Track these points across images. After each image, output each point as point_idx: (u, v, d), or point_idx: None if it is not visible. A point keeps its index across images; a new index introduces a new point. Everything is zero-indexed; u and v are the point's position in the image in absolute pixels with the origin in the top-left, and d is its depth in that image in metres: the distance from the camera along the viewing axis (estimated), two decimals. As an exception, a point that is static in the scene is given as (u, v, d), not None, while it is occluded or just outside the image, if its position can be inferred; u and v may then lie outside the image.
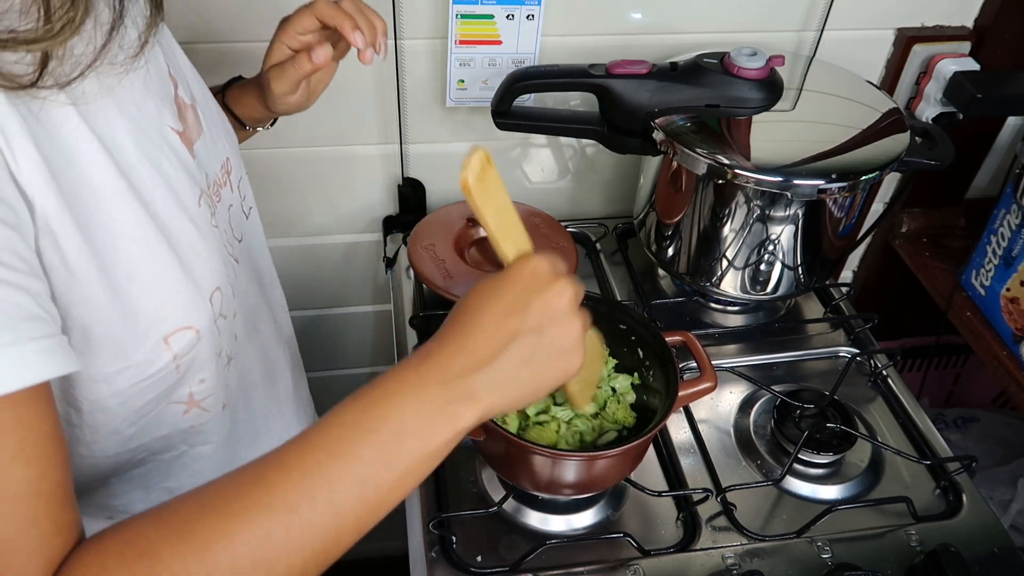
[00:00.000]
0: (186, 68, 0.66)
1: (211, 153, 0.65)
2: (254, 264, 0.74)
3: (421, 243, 1.01)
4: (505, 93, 0.91)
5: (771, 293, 0.99)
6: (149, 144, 0.55)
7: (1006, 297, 1.03)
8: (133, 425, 0.58)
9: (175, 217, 0.56)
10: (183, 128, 0.60)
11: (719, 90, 0.90)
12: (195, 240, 0.58)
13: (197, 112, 0.64)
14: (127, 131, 0.53)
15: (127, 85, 0.53)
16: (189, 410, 0.62)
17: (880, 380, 0.98)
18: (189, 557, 0.42)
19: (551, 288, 0.51)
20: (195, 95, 0.65)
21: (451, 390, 0.48)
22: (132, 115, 0.54)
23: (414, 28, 0.97)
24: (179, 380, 0.58)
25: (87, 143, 0.49)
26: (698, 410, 0.92)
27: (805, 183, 0.85)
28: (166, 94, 0.60)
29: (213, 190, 0.64)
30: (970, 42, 1.08)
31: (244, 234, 0.71)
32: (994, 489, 1.29)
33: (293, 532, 0.44)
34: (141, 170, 0.53)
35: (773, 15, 1.04)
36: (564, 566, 0.76)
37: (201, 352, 0.59)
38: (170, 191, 0.56)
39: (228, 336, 0.64)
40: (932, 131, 0.94)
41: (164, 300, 0.54)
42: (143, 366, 0.54)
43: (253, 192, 0.76)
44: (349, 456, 0.46)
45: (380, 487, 0.47)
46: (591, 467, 0.72)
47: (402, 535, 0.82)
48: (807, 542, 0.79)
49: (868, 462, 0.87)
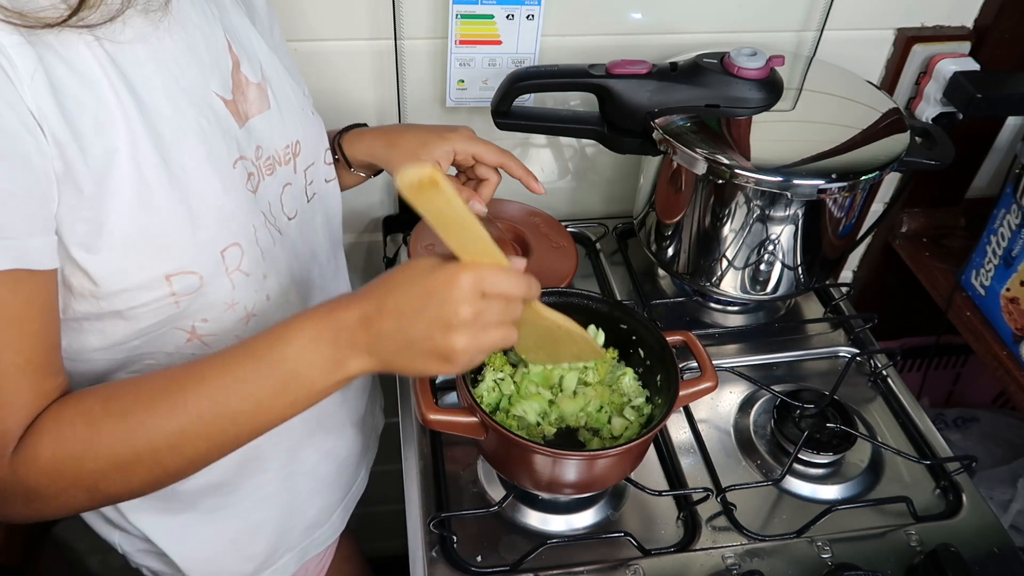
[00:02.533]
0: (261, 52, 0.72)
1: (275, 130, 0.71)
2: (308, 243, 0.78)
3: (421, 243, 1.01)
4: (505, 93, 0.91)
5: (771, 293, 0.99)
6: (183, 98, 0.60)
7: (1006, 297, 1.03)
8: (139, 338, 0.64)
9: (198, 167, 0.61)
10: (233, 98, 0.66)
11: (719, 90, 0.90)
12: (217, 195, 0.62)
13: (266, 91, 0.71)
14: (161, 80, 0.59)
15: (166, 41, 0.60)
16: (191, 339, 0.66)
17: (880, 380, 0.98)
18: (120, 436, 0.56)
19: (450, 306, 0.56)
20: (268, 76, 0.71)
21: (341, 350, 0.58)
22: (170, 69, 0.60)
23: (414, 28, 0.97)
24: (180, 313, 0.63)
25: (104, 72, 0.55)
26: (698, 410, 0.92)
27: (805, 183, 0.85)
28: (217, 64, 0.65)
29: (264, 162, 0.70)
30: (970, 42, 1.08)
31: (300, 214, 0.76)
32: (994, 489, 1.29)
33: (200, 431, 0.58)
34: (166, 114, 0.59)
35: (773, 15, 1.04)
36: (564, 566, 0.76)
37: (206, 296, 0.64)
38: (201, 144, 0.61)
39: (247, 291, 0.67)
40: (932, 131, 0.94)
41: (167, 243, 0.59)
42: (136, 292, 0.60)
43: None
44: (251, 383, 0.58)
45: (272, 409, 0.59)
46: (591, 466, 0.72)
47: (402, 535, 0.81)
48: (807, 542, 0.79)
49: (868, 462, 0.87)
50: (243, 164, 0.66)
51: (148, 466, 0.58)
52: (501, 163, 0.85)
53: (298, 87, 0.77)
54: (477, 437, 0.73)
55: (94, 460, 0.56)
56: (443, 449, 0.87)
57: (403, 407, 0.93)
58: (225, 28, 0.67)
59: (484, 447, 0.76)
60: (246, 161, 0.67)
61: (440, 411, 0.71)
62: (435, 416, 0.71)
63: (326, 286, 0.83)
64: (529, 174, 0.87)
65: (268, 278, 0.70)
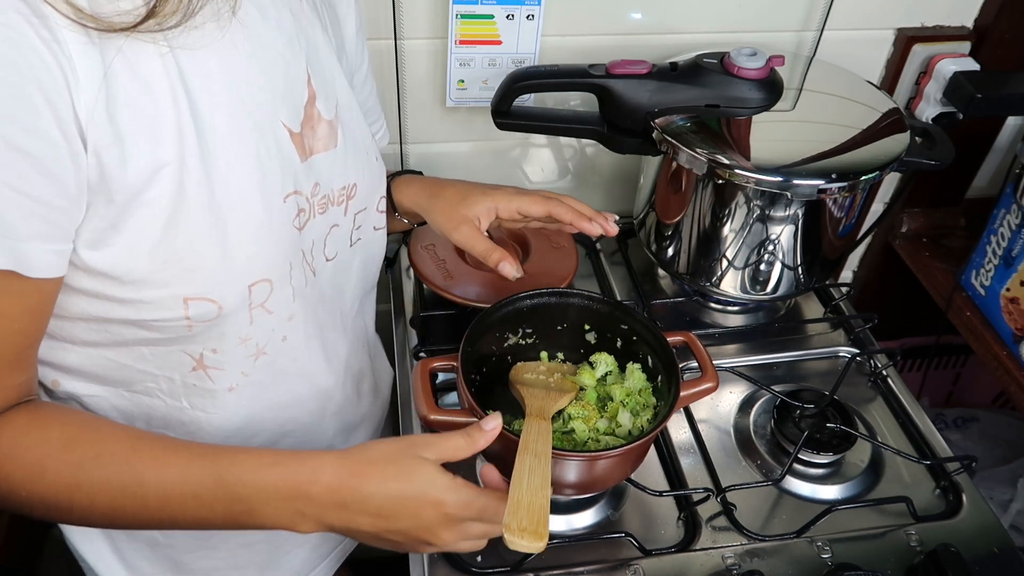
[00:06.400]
0: (341, 91, 0.71)
1: (336, 170, 0.70)
2: (338, 285, 0.77)
3: (421, 243, 1.01)
4: (505, 93, 0.91)
5: (771, 293, 0.99)
6: (247, 121, 0.59)
7: (1006, 297, 1.03)
8: (146, 346, 0.63)
9: (245, 194, 0.59)
10: (301, 131, 0.65)
11: (719, 90, 0.90)
12: (259, 225, 0.61)
13: (336, 130, 0.69)
14: (228, 99, 0.57)
15: (242, 62, 0.58)
16: (197, 369, 0.65)
17: (880, 380, 0.98)
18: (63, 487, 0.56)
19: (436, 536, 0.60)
20: (341, 116, 0.70)
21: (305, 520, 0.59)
22: (240, 90, 0.59)
23: (414, 28, 0.97)
24: (191, 337, 0.62)
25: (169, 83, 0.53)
26: (698, 410, 0.92)
27: (805, 183, 0.85)
28: (292, 94, 0.64)
29: (318, 200, 0.68)
30: (970, 42, 1.08)
31: (339, 256, 0.74)
32: (994, 489, 1.29)
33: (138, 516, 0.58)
34: (225, 134, 0.57)
35: (773, 15, 1.04)
36: (565, 566, 0.76)
37: (221, 327, 0.62)
38: (255, 170, 0.60)
39: (264, 329, 0.66)
40: (932, 131, 0.94)
41: (193, 265, 0.58)
42: (151, 307, 0.58)
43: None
44: (205, 506, 0.58)
45: (215, 528, 0.60)
46: (592, 467, 0.72)
47: (402, 535, 0.81)
48: (807, 542, 0.79)
49: (868, 462, 0.88)
50: (295, 199, 0.65)
51: (76, 518, 0.60)
52: (548, 212, 0.81)
53: (367, 130, 0.76)
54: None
55: (28, 492, 0.56)
56: (443, 449, 0.86)
57: (403, 407, 0.93)
58: (309, 61, 0.66)
59: (484, 448, 0.75)
60: (300, 196, 0.65)
61: (440, 411, 0.71)
62: (435, 416, 0.71)
63: (347, 330, 0.81)
64: (582, 216, 0.81)
65: (294, 319, 0.69)
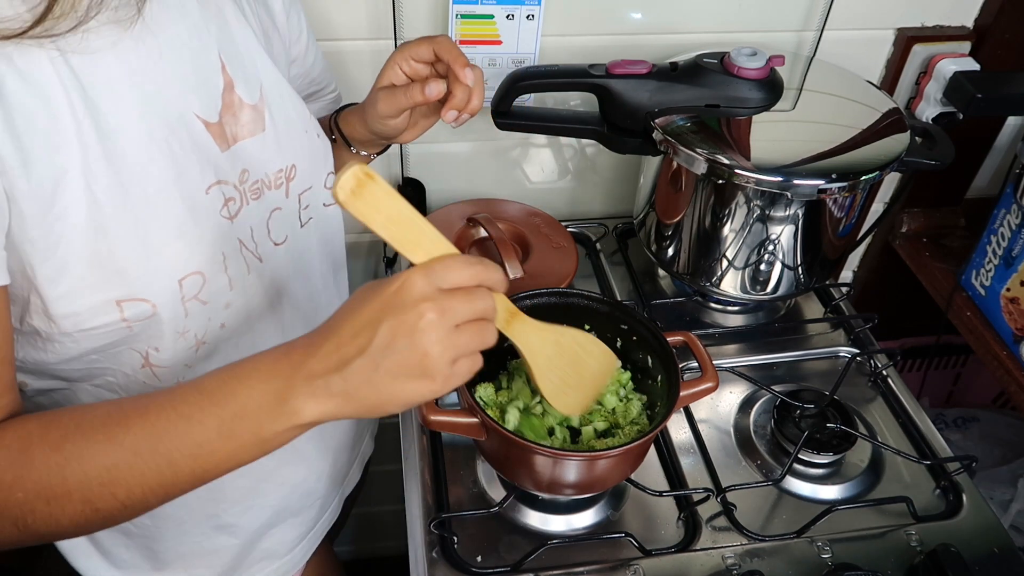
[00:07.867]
0: (265, 73, 0.69)
1: (268, 154, 0.68)
2: (300, 268, 0.76)
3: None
4: (505, 93, 0.91)
5: (771, 293, 0.99)
6: (156, 119, 0.58)
7: (1006, 297, 1.03)
8: (95, 353, 0.61)
9: (162, 191, 0.59)
10: (220, 120, 0.64)
11: (719, 90, 0.90)
12: (182, 221, 0.60)
13: (263, 113, 0.68)
14: (133, 98, 0.57)
15: (144, 59, 0.57)
16: (145, 367, 0.64)
17: (880, 380, 0.98)
18: (53, 467, 0.53)
19: (410, 309, 0.51)
20: (267, 97, 0.68)
21: (294, 388, 0.53)
22: (145, 88, 0.58)
23: (414, 28, 0.97)
24: (134, 335, 0.61)
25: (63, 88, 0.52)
26: (698, 410, 0.92)
27: (805, 183, 0.85)
28: (204, 84, 0.63)
29: (248, 186, 0.67)
30: (970, 42, 1.08)
31: (291, 239, 0.73)
32: (994, 489, 1.29)
33: (135, 470, 0.53)
34: (132, 135, 0.56)
35: (773, 15, 1.04)
36: (565, 566, 0.76)
37: (159, 325, 0.61)
38: (170, 167, 0.59)
39: (200, 320, 0.65)
40: (932, 131, 0.94)
41: (119, 268, 0.57)
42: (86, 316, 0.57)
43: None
44: (194, 421, 0.53)
45: (214, 454, 0.54)
46: (592, 467, 0.72)
47: (402, 535, 0.81)
48: (807, 542, 0.79)
49: (868, 462, 0.88)
50: (220, 189, 0.64)
51: (78, 504, 0.53)
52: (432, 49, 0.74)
53: (304, 108, 0.74)
54: (477, 438, 0.73)
55: (22, 490, 0.52)
56: (443, 449, 0.87)
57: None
58: (222, 48, 0.64)
59: (484, 448, 0.76)
60: (225, 186, 0.64)
61: (440, 411, 0.71)
62: (435, 416, 0.71)
63: (318, 309, 0.80)
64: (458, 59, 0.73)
65: (231, 307, 0.68)
